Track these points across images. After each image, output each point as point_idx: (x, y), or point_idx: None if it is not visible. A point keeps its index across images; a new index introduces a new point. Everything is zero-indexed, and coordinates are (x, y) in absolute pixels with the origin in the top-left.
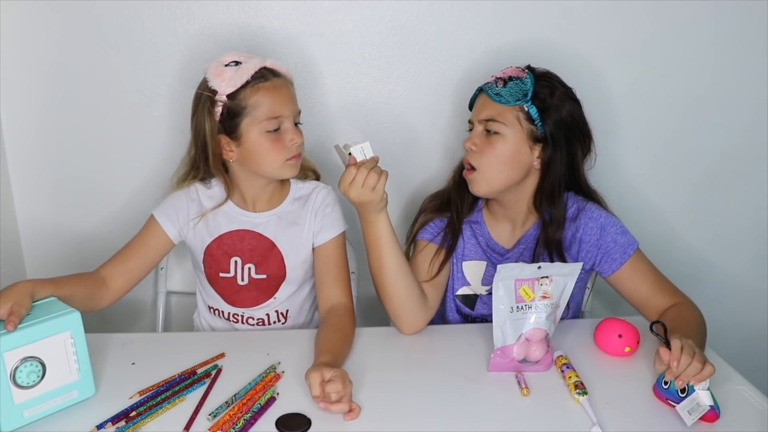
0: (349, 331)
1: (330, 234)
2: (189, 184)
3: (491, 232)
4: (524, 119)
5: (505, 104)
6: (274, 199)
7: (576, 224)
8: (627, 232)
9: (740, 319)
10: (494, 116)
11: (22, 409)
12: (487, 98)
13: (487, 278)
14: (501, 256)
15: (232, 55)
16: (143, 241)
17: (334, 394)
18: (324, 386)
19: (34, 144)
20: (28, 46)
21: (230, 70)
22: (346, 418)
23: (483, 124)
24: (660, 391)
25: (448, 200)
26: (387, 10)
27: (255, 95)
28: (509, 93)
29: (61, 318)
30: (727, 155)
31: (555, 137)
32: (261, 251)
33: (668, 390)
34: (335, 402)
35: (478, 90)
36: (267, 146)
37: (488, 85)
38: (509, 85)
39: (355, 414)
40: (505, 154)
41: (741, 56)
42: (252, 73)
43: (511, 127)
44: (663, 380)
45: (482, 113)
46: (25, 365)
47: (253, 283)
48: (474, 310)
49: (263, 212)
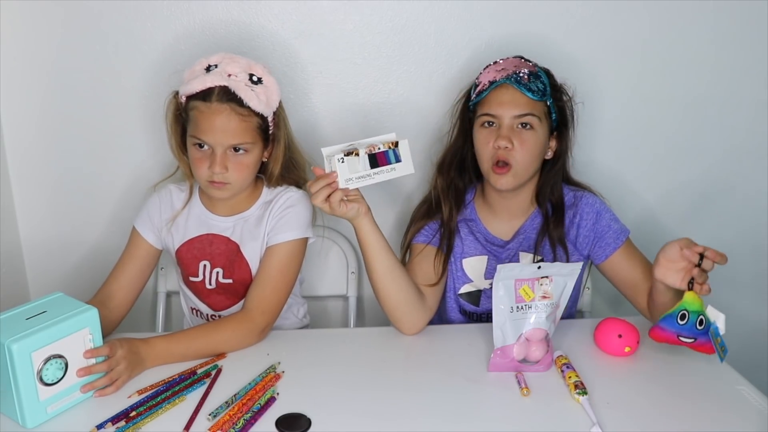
0: (229, 335)
1: (281, 237)
2: (163, 186)
3: (487, 227)
4: (546, 113)
5: (538, 99)
6: (243, 203)
7: (574, 210)
8: (619, 220)
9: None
10: (531, 111)
11: (46, 405)
12: (519, 93)
13: (490, 272)
14: (501, 248)
15: (219, 58)
16: (129, 254)
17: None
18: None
19: (34, 144)
20: (28, 46)
21: (198, 74)
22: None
23: (517, 119)
24: (670, 328)
25: (437, 202)
26: (387, 10)
27: (193, 111)
28: (537, 88)
29: (81, 315)
30: (727, 155)
31: (562, 129)
32: (228, 255)
33: (685, 326)
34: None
35: (496, 83)
36: (193, 159)
37: (515, 78)
38: (532, 80)
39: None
40: (536, 149)
41: (741, 56)
42: (199, 88)
43: (542, 122)
44: (679, 315)
45: (517, 108)
46: (51, 363)
47: (221, 287)
48: (479, 306)
49: (231, 216)
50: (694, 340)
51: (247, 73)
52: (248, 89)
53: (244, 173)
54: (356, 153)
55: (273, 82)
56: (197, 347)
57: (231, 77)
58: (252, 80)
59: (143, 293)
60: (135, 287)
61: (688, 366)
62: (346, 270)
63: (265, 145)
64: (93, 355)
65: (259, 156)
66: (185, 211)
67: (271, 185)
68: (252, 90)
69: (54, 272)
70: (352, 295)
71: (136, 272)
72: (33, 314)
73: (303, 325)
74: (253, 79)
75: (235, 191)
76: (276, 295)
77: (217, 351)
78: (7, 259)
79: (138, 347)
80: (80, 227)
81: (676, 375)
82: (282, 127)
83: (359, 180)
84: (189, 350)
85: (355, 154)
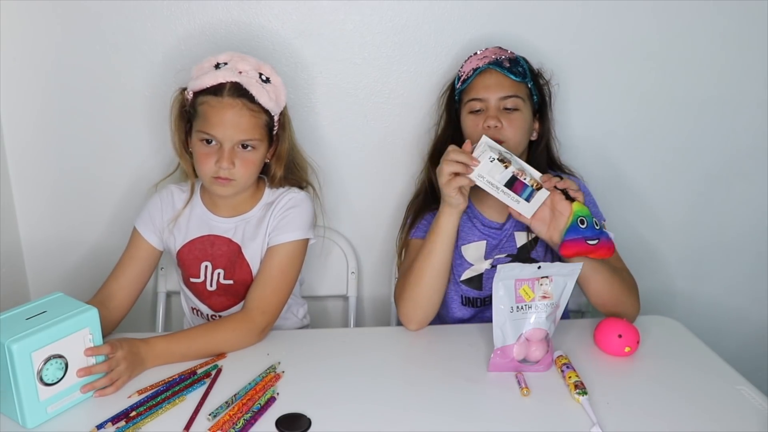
0: (230, 335)
1: (283, 237)
2: (164, 187)
3: (482, 212)
4: (528, 95)
5: (521, 81)
6: (245, 204)
7: None
8: (598, 207)
9: (740, 319)
10: (516, 92)
11: (46, 406)
12: (503, 76)
13: (489, 253)
14: (498, 230)
15: (228, 56)
16: (129, 255)
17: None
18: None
19: (34, 144)
20: (28, 46)
21: (208, 70)
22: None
23: (503, 101)
24: (575, 235)
25: (432, 193)
26: (387, 10)
27: (202, 105)
28: (519, 71)
29: (81, 315)
30: (727, 155)
31: (543, 110)
32: (230, 257)
33: (586, 229)
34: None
35: (479, 69)
36: (198, 154)
37: (496, 63)
38: (513, 64)
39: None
40: (523, 128)
41: (741, 56)
42: (210, 83)
43: (525, 102)
44: (578, 221)
45: (502, 90)
46: (51, 363)
47: (221, 288)
48: (482, 290)
49: (233, 217)
50: (597, 241)
51: (257, 71)
52: (259, 86)
53: (249, 170)
54: (506, 165)
55: (280, 82)
56: (197, 347)
57: (242, 74)
58: (261, 78)
59: (143, 293)
60: (135, 288)
61: (688, 366)
62: (346, 270)
63: (269, 145)
64: (93, 354)
65: (264, 155)
66: (186, 212)
67: (273, 186)
68: (263, 87)
69: (54, 272)
70: (352, 295)
71: (137, 273)
72: (33, 314)
73: (303, 325)
74: (263, 77)
75: (238, 189)
76: (276, 295)
77: (217, 351)
78: (7, 259)
79: (138, 347)
80: (80, 227)
81: (676, 375)
82: (287, 128)
83: (487, 184)
84: (189, 350)
85: (505, 164)
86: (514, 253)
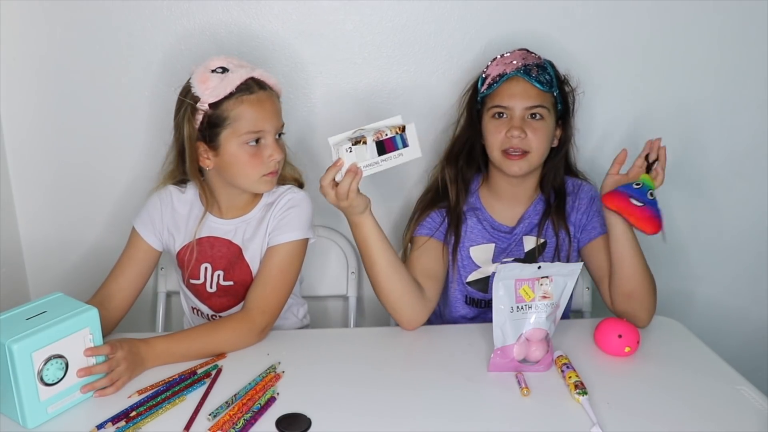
0: (229, 335)
1: (282, 237)
2: (163, 187)
3: (492, 215)
4: (553, 104)
5: (547, 91)
6: (246, 206)
7: (573, 197)
8: (601, 215)
9: (740, 319)
10: (542, 102)
11: (46, 406)
12: (529, 85)
13: (497, 257)
14: (508, 234)
15: (220, 60)
16: (128, 255)
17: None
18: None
19: (34, 143)
20: (28, 46)
21: (215, 78)
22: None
23: (528, 110)
24: (624, 190)
25: (444, 190)
26: (387, 10)
27: (238, 107)
28: (546, 80)
29: (81, 315)
30: (727, 155)
31: (566, 118)
32: (230, 258)
33: (638, 189)
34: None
35: (506, 76)
36: (244, 159)
37: (524, 71)
38: (540, 72)
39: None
40: (547, 137)
41: (741, 56)
42: (237, 84)
43: (550, 112)
44: (635, 182)
45: (528, 100)
46: (51, 363)
47: (221, 289)
48: (488, 292)
49: (234, 219)
50: (642, 205)
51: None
52: (269, 76)
53: (283, 155)
54: (364, 141)
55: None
56: (197, 347)
57: (252, 70)
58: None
59: (143, 293)
60: (134, 288)
61: (688, 366)
62: (346, 270)
63: None
64: (94, 354)
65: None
66: (186, 214)
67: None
68: (270, 75)
69: (54, 272)
70: (352, 295)
71: (136, 274)
72: (33, 314)
73: (303, 325)
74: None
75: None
76: (276, 295)
77: (217, 351)
78: (7, 259)
79: (138, 347)
80: (80, 227)
81: (676, 375)
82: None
83: (368, 168)
84: (189, 350)
85: (362, 142)
86: (522, 258)
